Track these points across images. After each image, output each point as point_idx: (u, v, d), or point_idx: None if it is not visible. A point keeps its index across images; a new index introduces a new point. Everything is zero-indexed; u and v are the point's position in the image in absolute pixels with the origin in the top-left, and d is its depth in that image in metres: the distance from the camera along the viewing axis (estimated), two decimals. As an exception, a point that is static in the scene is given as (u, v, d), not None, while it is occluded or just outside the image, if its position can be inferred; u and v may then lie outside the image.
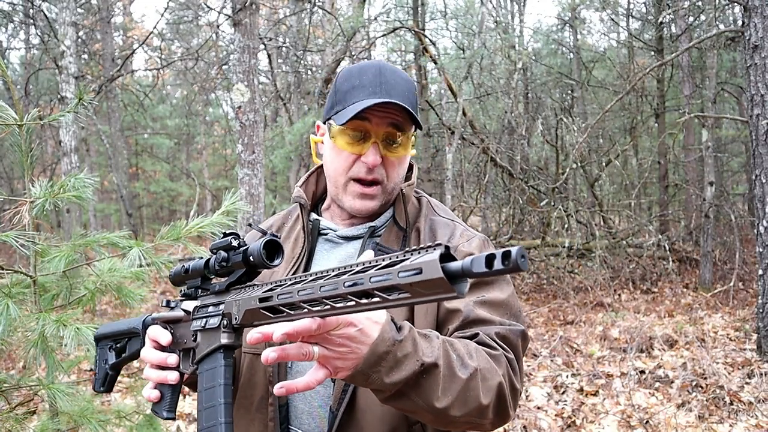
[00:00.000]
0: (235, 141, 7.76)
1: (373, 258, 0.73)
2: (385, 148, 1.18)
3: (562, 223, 9.21)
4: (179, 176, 19.08)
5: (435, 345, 0.94)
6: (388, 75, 1.17)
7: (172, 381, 1.02)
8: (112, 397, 4.70)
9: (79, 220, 8.77)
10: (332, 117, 1.20)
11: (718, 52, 9.49)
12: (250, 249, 0.95)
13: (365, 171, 1.18)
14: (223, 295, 0.99)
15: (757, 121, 5.12)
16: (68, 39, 7.75)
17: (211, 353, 0.96)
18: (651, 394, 4.67)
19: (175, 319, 1.07)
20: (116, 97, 13.80)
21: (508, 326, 1.11)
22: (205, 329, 0.98)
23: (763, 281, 5.17)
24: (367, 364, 0.85)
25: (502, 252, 0.61)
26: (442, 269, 0.64)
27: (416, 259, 0.66)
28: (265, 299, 0.83)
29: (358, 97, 1.14)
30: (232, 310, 0.92)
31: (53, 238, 2.14)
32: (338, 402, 1.10)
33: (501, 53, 10.98)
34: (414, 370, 0.89)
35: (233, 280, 0.99)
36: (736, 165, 14.91)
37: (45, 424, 2.00)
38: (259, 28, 6.32)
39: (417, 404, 0.92)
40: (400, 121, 1.17)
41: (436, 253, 0.65)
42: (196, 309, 1.03)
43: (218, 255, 0.99)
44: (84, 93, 1.98)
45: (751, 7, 5.10)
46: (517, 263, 0.60)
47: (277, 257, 0.94)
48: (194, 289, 1.07)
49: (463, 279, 0.65)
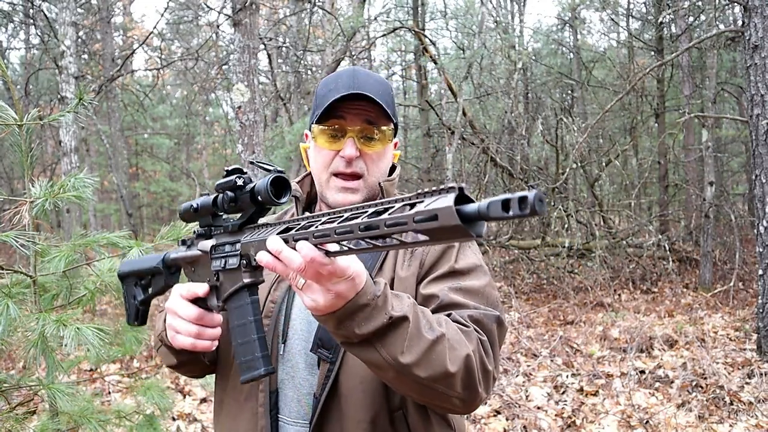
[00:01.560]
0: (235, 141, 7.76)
1: (387, 200, 0.72)
2: (363, 143, 1.24)
3: (562, 223, 9.20)
4: (179, 176, 19.07)
5: (405, 303, 0.97)
6: (362, 76, 1.24)
7: (205, 347, 1.06)
8: (112, 397, 4.71)
9: (79, 220, 8.77)
10: (312, 120, 1.28)
11: (718, 52, 9.49)
12: (257, 187, 0.95)
13: (344, 165, 1.23)
14: (237, 234, 1.00)
15: (757, 121, 5.12)
16: (68, 39, 7.75)
17: (235, 292, 0.99)
18: (651, 394, 4.67)
19: (194, 258, 1.09)
20: (116, 97, 13.79)
21: (483, 311, 1.13)
22: (225, 269, 1.00)
23: (763, 281, 5.17)
24: (346, 312, 0.89)
25: (519, 196, 0.59)
26: (458, 214, 0.62)
27: (431, 204, 0.65)
28: (285, 240, 0.84)
29: (332, 97, 1.21)
30: (249, 251, 0.94)
31: (53, 238, 2.14)
32: (321, 388, 1.13)
33: (501, 53, 10.98)
34: (383, 322, 0.92)
35: (245, 219, 1.00)
36: (736, 165, 14.90)
37: (45, 424, 2.00)
38: (259, 28, 6.32)
39: (381, 356, 0.94)
40: (374, 117, 1.23)
41: (451, 197, 0.64)
42: (213, 248, 1.04)
43: (225, 195, 0.99)
44: (84, 93, 1.98)
45: (751, 7, 5.10)
46: (535, 207, 0.58)
47: (284, 194, 0.95)
48: (207, 227, 1.08)
49: (479, 221, 0.64)
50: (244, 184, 0.98)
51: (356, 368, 1.13)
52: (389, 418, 1.15)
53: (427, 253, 1.22)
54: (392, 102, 1.28)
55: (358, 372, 1.13)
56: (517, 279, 9.62)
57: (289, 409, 1.19)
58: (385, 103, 1.22)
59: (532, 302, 8.43)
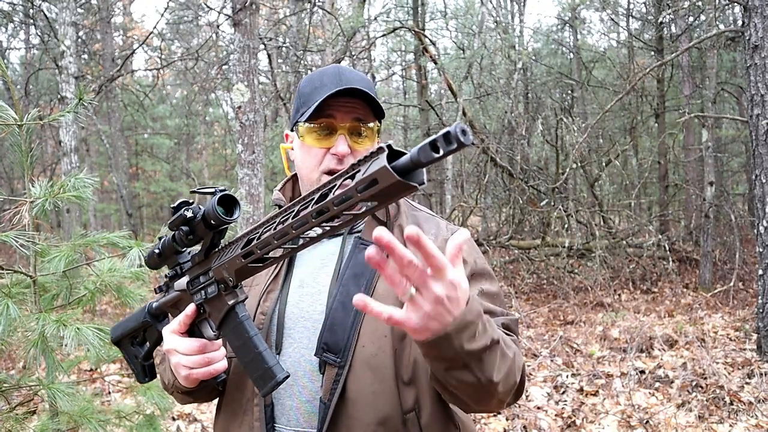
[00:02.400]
0: (235, 141, 7.76)
1: (328, 181, 0.73)
2: (353, 140, 1.23)
3: (562, 223, 9.20)
4: (179, 176, 19.07)
5: (494, 324, 0.98)
6: (347, 72, 1.24)
7: (221, 369, 1.07)
8: (112, 397, 4.71)
9: (79, 220, 8.77)
10: (298, 119, 1.25)
11: (718, 52, 9.49)
12: (206, 212, 0.95)
13: (336, 162, 1.22)
14: (206, 263, 1.01)
15: (757, 121, 5.12)
16: (68, 39, 7.75)
17: (225, 316, 1.00)
18: (651, 394, 4.67)
19: (176, 300, 1.10)
20: (116, 97, 13.80)
21: (508, 317, 1.18)
22: (208, 299, 1.02)
23: (763, 281, 5.17)
24: (456, 329, 0.85)
25: (443, 133, 0.61)
26: (394, 171, 0.64)
27: (368, 170, 0.66)
28: (248, 254, 0.86)
29: (320, 95, 1.19)
30: (223, 275, 0.95)
31: (53, 238, 2.14)
32: (330, 393, 1.11)
33: (501, 53, 10.99)
34: (485, 344, 0.92)
35: (208, 246, 1.00)
36: (736, 165, 14.90)
37: (45, 424, 2.00)
38: (259, 28, 6.32)
39: (476, 377, 0.94)
40: (362, 114, 1.23)
41: (383, 158, 0.65)
42: (189, 284, 1.05)
43: (180, 231, 1.00)
44: (84, 93, 1.98)
45: (751, 7, 5.10)
46: (460, 139, 0.61)
47: (235, 210, 0.95)
48: (177, 266, 1.09)
49: (416, 170, 0.66)
50: (194, 214, 0.98)
51: (365, 370, 1.12)
52: (401, 420, 1.13)
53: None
54: (376, 96, 1.28)
55: (368, 374, 1.11)
56: (517, 279, 9.62)
57: (287, 418, 1.17)
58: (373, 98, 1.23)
59: (532, 302, 8.43)
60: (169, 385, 1.23)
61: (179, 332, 1.07)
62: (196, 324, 1.08)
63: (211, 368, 1.06)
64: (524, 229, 10.51)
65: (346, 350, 1.11)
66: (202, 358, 1.05)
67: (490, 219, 11.27)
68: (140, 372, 1.26)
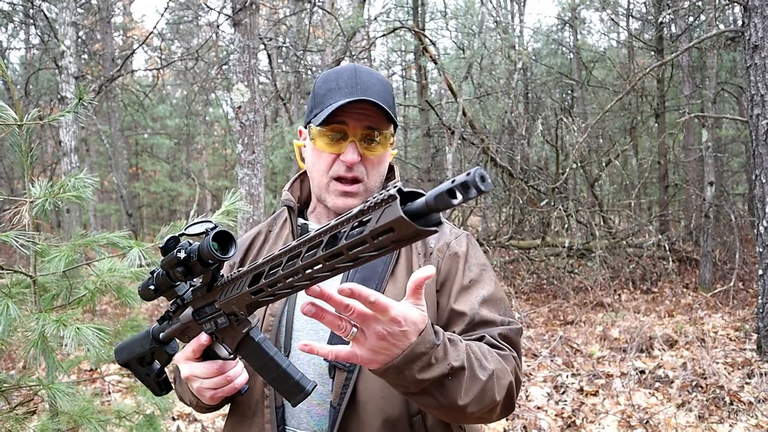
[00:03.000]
0: (235, 141, 7.77)
1: (335, 223, 0.71)
2: (364, 147, 1.22)
3: (562, 223, 9.20)
4: (179, 176, 19.07)
5: (461, 350, 0.99)
6: (364, 76, 1.22)
7: (244, 382, 1.09)
8: (112, 397, 4.71)
9: (79, 220, 8.77)
10: (311, 120, 1.24)
11: (718, 52, 9.48)
12: (201, 252, 0.91)
13: (345, 169, 1.22)
14: (210, 296, 0.99)
15: (757, 121, 5.12)
16: (68, 39, 7.75)
17: (241, 342, 1.00)
18: (651, 394, 4.67)
19: (183, 328, 1.08)
20: (116, 97, 13.80)
21: (507, 326, 1.17)
22: (219, 329, 1.01)
23: (763, 281, 5.17)
24: (404, 360, 0.89)
25: (461, 182, 0.59)
26: (409, 216, 0.63)
27: (380, 218, 0.64)
28: (258, 291, 0.84)
29: (334, 99, 1.18)
30: (232, 309, 0.94)
31: (53, 238, 2.14)
32: (339, 397, 1.12)
33: (501, 53, 10.98)
34: (443, 373, 0.94)
35: (209, 281, 0.98)
36: (736, 165, 14.90)
37: (45, 424, 2.00)
38: (259, 28, 6.32)
39: (438, 402, 0.97)
40: (375, 121, 1.21)
41: (396, 206, 0.63)
42: (195, 314, 1.03)
43: (174, 272, 0.96)
44: (84, 93, 1.98)
45: (751, 7, 5.10)
46: (479, 187, 0.59)
47: (231, 247, 0.92)
48: (176, 299, 1.07)
49: (431, 214, 0.64)
50: (188, 254, 0.94)
51: (374, 375, 1.13)
52: (408, 423, 1.14)
53: (442, 258, 1.23)
54: (393, 102, 1.26)
55: (377, 379, 1.10)
56: (517, 279, 9.62)
57: (298, 421, 1.18)
58: (387, 105, 1.20)
59: (532, 302, 8.43)
60: (192, 405, 1.24)
61: (193, 359, 1.07)
62: (210, 347, 1.07)
63: (235, 384, 1.07)
64: (524, 229, 10.51)
65: None
66: (223, 378, 1.05)
67: (490, 219, 11.27)
68: (155, 387, 1.26)
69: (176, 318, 1.09)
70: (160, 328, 1.16)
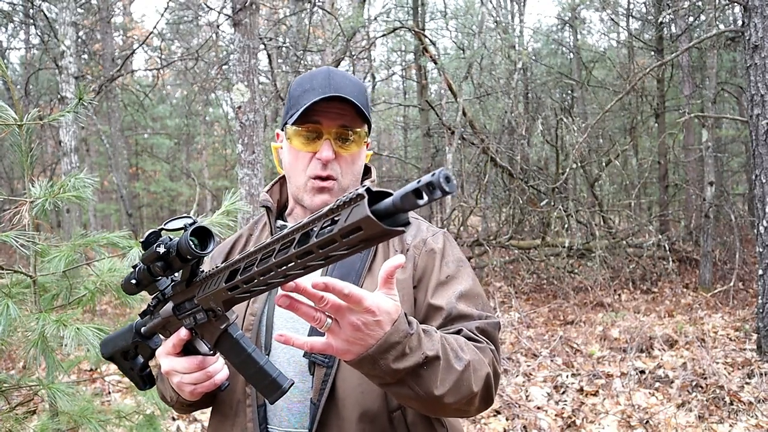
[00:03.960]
0: (235, 141, 7.76)
1: (307, 221, 0.72)
2: (338, 145, 1.24)
3: (562, 223, 9.20)
4: (179, 176, 19.07)
5: (435, 339, 1.00)
6: (337, 78, 1.24)
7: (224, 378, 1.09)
8: (112, 397, 4.71)
9: (79, 220, 8.77)
10: (287, 121, 1.27)
11: (718, 52, 9.48)
12: (179, 247, 0.92)
13: (320, 167, 1.24)
14: (189, 292, 1.00)
15: (757, 121, 5.12)
16: (68, 39, 7.75)
17: (219, 338, 1.00)
18: (651, 394, 4.67)
19: (164, 323, 1.09)
20: (116, 97, 13.79)
21: (485, 320, 1.19)
22: (198, 324, 1.01)
23: (763, 281, 5.17)
24: (379, 350, 0.90)
25: (426, 182, 0.60)
26: (376, 216, 0.63)
27: (349, 218, 0.65)
28: (234, 287, 0.85)
29: (308, 99, 1.20)
30: (210, 305, 0.94)
31: (53, 238, 2.14)
32: (319, 393, 1.13)
33: (501, 53, 10.98)
34: (417, 362, 0.94)
35: (188, 277, 0.99)
36: (736, 165, 14.90)
37: (45, 424, 2.00)
38: (259, 28, 6.32)
39: (415, 392, 0.97)
40: (349, 119, 1.24)
41: (364, 205, 0.64)
42: (176, 309, 1.04)
43: (155, 266, 0.97)
44: (84, 93, 1.98)
45: (751, 7, 5.10)
46: (444, 188, 0.59)
47: (210, 242, 0.93)
48: (158, 294, 1.08)
49: (399, 213, 0.65)
50: (167, 249, 0.95)
51: (353, 370, 1.11)
52: (388, 418, 1.15)
53: (419, 254, 1.25)
54: (367, 103, 1.28)
55: (356, 374, 1.11)
56: (517, 279, 9.62)
57: (279, 419, 1.19)
58: (361, 104, 1.22)
59: (532, 302, 8.42)
60: (172, 402, 1.24)
61: (174, 354, 1.07)
62: (190, 342, 1.07)
63: (215, 380, 1.07)
64: (524, 229, 10.51)
65: None
66: (203, 373, 1.06)
67: (490, 219, 11.26)
68: (139, 382, 1.27)
69: (157, 313, 1.10)
70: (142, 322, 1.15)
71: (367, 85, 1.86)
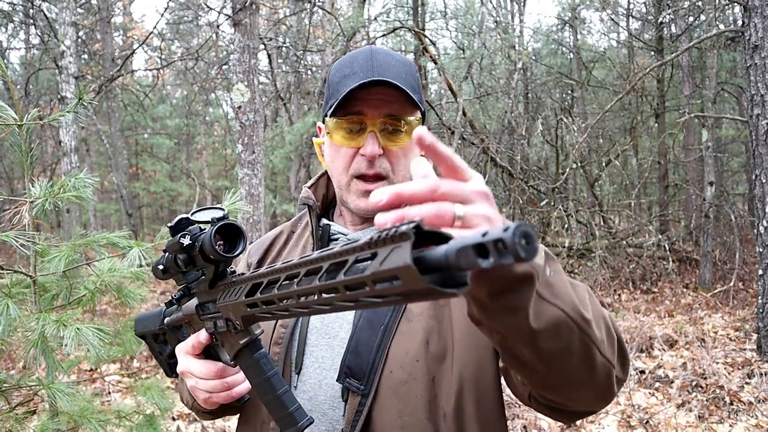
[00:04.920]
0: (235, 141, 7.77)
1: (344, 249, 0.56)
2: (386, 137, 1.06)
3: (562, 223, 9.21)
4: (179, 176, 19.08)
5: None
6: (381, 58, 1.06)
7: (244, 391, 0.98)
8: (112, 397, 4.71)
9: (79, 220, 8.78)
10: (326, 112, 1.10)
11: (718, 52, 9.49)
12: (203, 244, 0.82)
13: (366, 165, 1.06)
14: (212, 293, 0.90)
15: (757, 121, 5.12)
16: (68, 39, 7.75)
17: (238, 353, 0.91)
18: (651, 394, 4.67)
19: (188, 319, 1.01)
20: (116, 97, 13.80)
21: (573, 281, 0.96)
22: (218, 332, 0.92)
23: (763, 281, 5.17)
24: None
25: (495, 238, 0.44)
26: (423, 272, 0.47)
27: (386, 260, 0.49)
28: (253, 305, 0.74)
29: (348, 86, 1.02)
30: (229, 315, 0.85)
31: (53, 238, 2.14)
32: (351, 425, 0.98)
33: (501, 53, 10.98)
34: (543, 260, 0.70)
35: (212, 276, 0.88)
36: (736, 165, 14.91)
37: (45, 424, 2.00)
38: (259, 28, 6.32)
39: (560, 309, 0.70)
40: (397, 106, 1.05)
41: (407, 249, 0.47)
42: (198, 308, 0.96)
43: (178, 258, 0.88)
44: (84, 93, 1.98)
45: (751, 7, 5.10)
46: (519, 252, 0.43)
47: (238, 244, 0.82)
48: (184, 285, 0.99)
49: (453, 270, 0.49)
50: (192, 242, 0.84)
51: (393, 400, 0.98)
52: None
53: None
54: (418, 85, 1.09)
55: (395, 405, 0.97)
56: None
57: None
58: (411, 88, 1.04)
59: (532, 302, 8.42)
60: (188, 405, 1.13)
61: (193, 354, 0.96)
62: (212, 347, 0.97)
63: (233, 392, 0.96)
64: (524, 229, 10.49)
65: (370, 376, 0.98)
66: (221, 383, 0.95)
67: (490, 219, 11.22)
68: (167, 368, 1.19)
69: (180, 307, 1.02)
70: (167, 311, 1.08)
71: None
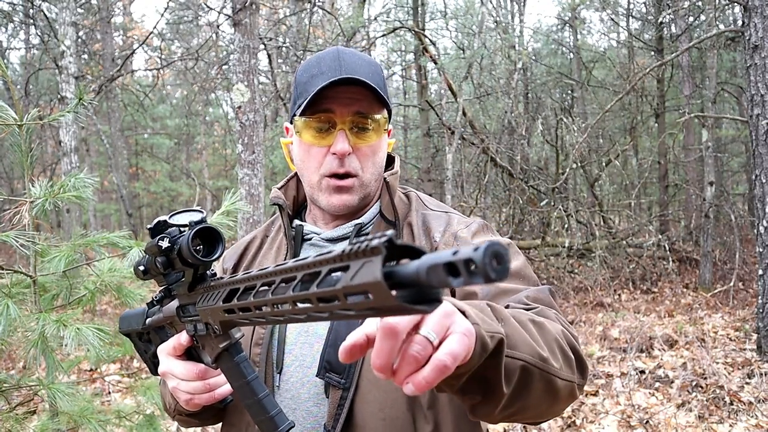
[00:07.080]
0: (235, 141, 7.77)
1: (316, 260, 0.55)
2: (355, 135, 1.08)
3: (562, 223, 9.21)
4: (179, 176, 19.07)
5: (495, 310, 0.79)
6: (348, 57, 1.07)
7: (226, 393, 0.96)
8: (112, 397, 4.71)
9: (79, 220, 8.78)
10: (295, 112, 1.11)
11: (718, 52, 9.49)
12: (181, 248, 0.81)
13: (337, 164, 1.08)
14: (192, 295, 0.89)
15: (757, 121, 5.12)
16: (68, 39, 7.75)
17: (218, 356, 0.90)
18: (651, 394, 4.67)
19: (169, 320, 1.01)
20: (116, 97, 13.81)
21: (535, 288, 1.01)
22: (198, 335, 0.92)
23: (763, 281, 5.17)
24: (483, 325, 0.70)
25: (465, 258, 0.43)
26: (393, 287, 0.47)
27: (357, 274, 0.49)
28: (230, 311, 0.73)
29: (317, 84, 1.04)
30: (208, 320, 0.84)
31: (53, 238, 2.14)
32: (333, 419, 1.00)
33: (501, 53, 10.99)
34: (498, 328, 0.73)
35: (191, 280, 0.88)
36: (736, 165, 14.91)
37: (45, 424, 2.00)
38: (259, 28, 6.32)
39: (523, 359, 0.76)
40: (365, 105, 1.07)
41: (377, 264, 0.46)
42: (180, 310, 0.95)
43: (157, 260, 0.87)
44: (84, 93, 1.98)
45: (751, 7, 5.10)
46: (488, 273, 0.42)
47: (217, 248, 0.81)
48: (165, 287, 0.99)
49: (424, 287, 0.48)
50: (171, 245, 0.84)
51: (374, 393, 1.00)
52: None
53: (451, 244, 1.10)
54: (384, 84, 1.11)
55: (377, 398, 0.99)
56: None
57: None
58: (378, 86, 1.05)
59: (532, 302, 8.42)
60: (170, 409, 1.13)
61: (174, 355, 0.96)
62: (194, 348, 0.96)
63: (215, 393, 0.95)
64: (524, 229, 10.51)
65: (350, 369, 1.00)
66: (203, 384, 0.94)
67: (490, 219, 11.25)
68: (152, 367, 1.19)
69: (163, 306, 1.01)
70: (149, 312, 1.07)
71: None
